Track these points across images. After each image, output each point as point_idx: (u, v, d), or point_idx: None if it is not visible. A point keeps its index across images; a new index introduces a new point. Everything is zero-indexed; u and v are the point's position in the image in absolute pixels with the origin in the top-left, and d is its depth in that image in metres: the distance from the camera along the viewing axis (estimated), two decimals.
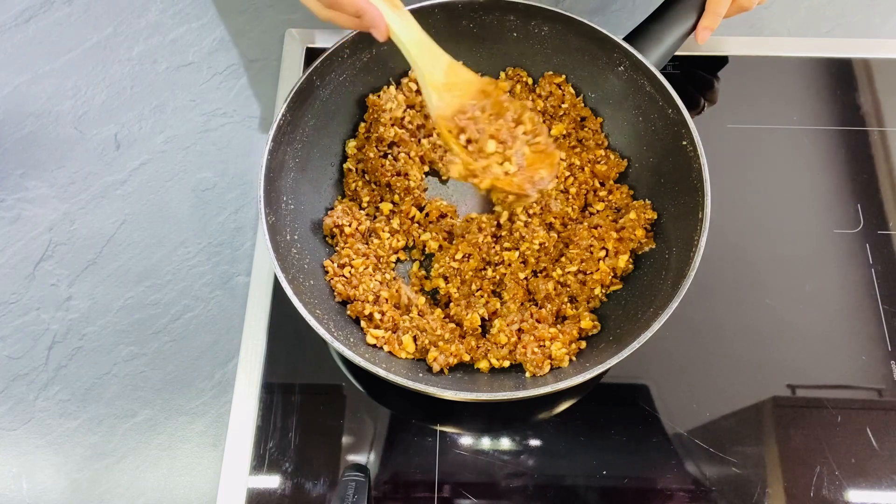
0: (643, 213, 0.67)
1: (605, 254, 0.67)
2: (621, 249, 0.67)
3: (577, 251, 0.67)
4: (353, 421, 0.65)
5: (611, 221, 0.68)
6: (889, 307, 0.69)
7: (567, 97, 0.73)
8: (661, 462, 0.63)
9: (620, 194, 0.70)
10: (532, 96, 0.74)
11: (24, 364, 0.68)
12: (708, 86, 0.80)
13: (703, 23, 0.70)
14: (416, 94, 0.73)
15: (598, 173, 0.71)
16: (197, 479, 0.64)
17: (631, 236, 0.67)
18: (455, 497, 0.62)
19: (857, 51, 0.81)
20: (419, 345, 0.63)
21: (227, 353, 0.68)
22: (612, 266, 0.66)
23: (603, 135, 0.73)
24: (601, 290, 0.67)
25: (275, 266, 0.59)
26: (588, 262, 0.66)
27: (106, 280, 0.71)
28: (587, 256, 0.66)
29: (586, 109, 0.74)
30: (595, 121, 0.73)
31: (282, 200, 0.65)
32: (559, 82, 0.74)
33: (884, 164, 0.76)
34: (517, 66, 0.75)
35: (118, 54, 0.81)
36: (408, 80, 0.74)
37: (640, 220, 0.67)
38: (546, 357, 0.61)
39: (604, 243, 0.67)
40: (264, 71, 0.81)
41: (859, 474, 0.63)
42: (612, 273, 0.66)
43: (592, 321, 0.64)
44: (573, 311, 0.66)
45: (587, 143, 0.72)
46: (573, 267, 0.66)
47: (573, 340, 0.63)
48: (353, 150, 0.72)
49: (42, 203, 0.74)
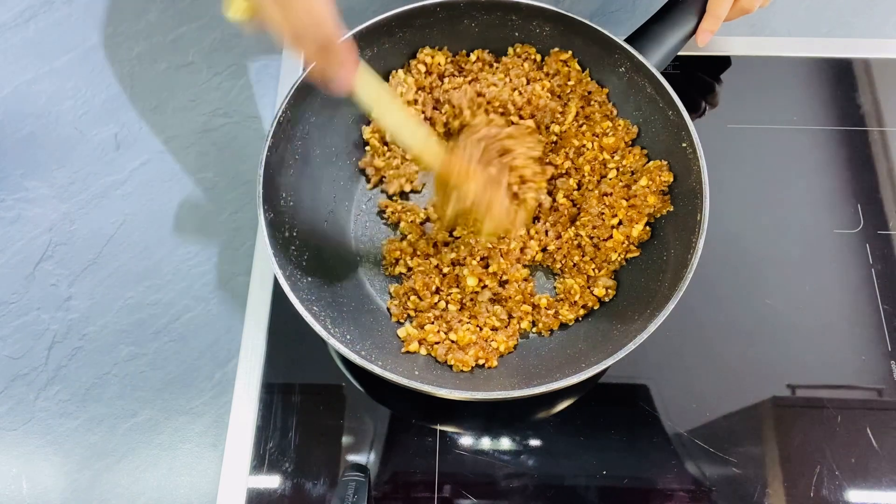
0: (658, 176, 0.66)
1: (619, 222, 0.67)
2: (635, 217, 0.66)
3: (588, 218, 0.67)
4: (353, 421, 0.65)
5: (622, 188, 0.68)
6: (889, 307, 0.69)
7: (573, 73, 0.72)
8: (661, 462, 0.63)
9: (633, 157, 0.69)
10: (539, 74, 0.73)
11: (24, 364, 0.68)
12: (709, 89, 0.80)
13: (704, 25, 0.70)
14: (425, 75, 0.73)
15: (607, 147, 0.70)
16: (197, 479, 0.64)
17: (643, 203, 0.66)
18: (455, 497, 0.62)
19: (857, 51, 0.81)
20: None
21: (227, 353, 0.68)
22: (626, 234, 0.66)
23: (610, 104, 0.72)
24: (618, 256, 0.67)
25: (272, 263, 0.59)
26: (600, 229, 0.67)
27: (106, 280, 0.71)
28: (599, 223, 0.67)
29: (592, 83, 0.72)
30: (601, 91, 0.72)
31: (281, 197, 0.65)
32: (566, 59, 0.73)
33: (884, 164, 0.76)
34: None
35: (118, 54, 0.81)
36: (416, 61, 0.73)
37: (654, 186, 0.66)
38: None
39: (614, 211, 0.67)
40: (264, 71, 0.81)
41: (859, 474, 0.63)
42: (626, 241, 0.67)
43: (606, 288, 0.66)
44: (591, 271, 0.67)
45: (594, 117, 0.71)
46: (584, 231, 0.67)
47: (584, 305, 0.66)
48: (370, 133, 0.73)
49: (42, 203, 0.74)
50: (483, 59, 0.74)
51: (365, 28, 0.67)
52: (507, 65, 0.73)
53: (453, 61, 0.74)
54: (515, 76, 0.72)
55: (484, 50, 0.74)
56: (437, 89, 0.73)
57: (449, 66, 0.73)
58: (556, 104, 0.72)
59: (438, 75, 0.73)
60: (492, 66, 0.74)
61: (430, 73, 0.73)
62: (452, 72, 0.74)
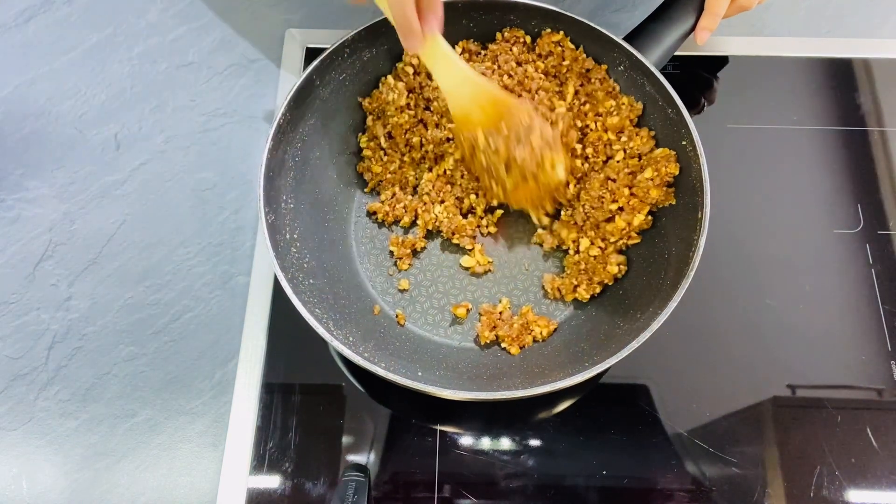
0: (664, 167, 0.65)
1: (620, 208, 0.67)
2: (637, 206, 0.66)
3: (588, 198, 0.67)
4: (353, 421, 0.65)
5: (627, 174, 0.67)
6: (889, 307, 0.69)
7: (567, 52, 0.71)
8: (661, 462, 0.63)
9: (641, 139, 0.68)
10: (532, 56, 0.72)
11: (24, 364, 0.68)
12: (707, 85, 0.80)
13: (702, 23, 0.70)
14: (413, 76, 0.72)
15: (611, 127, 0.69)
16: (197, 479, 0.64)
17: (645, 195, 0.66)
18: (455, 497, 0.62)
19: (857, 51, 0.81)
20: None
21: (227, 353, 0.68)
22: (627, 221, 0.66)
23: (611, 80, 0.70)
24: (619, 239, 0.67)
25: (274, 266, 0.59)
26: (598, 211, 0.66)
27: (106, 280, 0.71)
28: (598, 205, 0.66)
29: (589, 60, 0.71)
30: (600, 69, 0.70)
31: (281, 200, 0.65)
32: (558, 39, 0.71)
33: (884, 164, 0.76)
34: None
35: (118, 54, 0.81)
36: (403, 64, 0.72)
37: (658, 179, 0.66)
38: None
39: (615, 196, 0.66)
40: (264, 71, 0.81)
41: (859, 474, 0.63)
42: (627, 227, 0.66)
43: (618, 265, 0.66)
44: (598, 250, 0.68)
45: (596, 94, 0.70)
46: (582, 207, 0.68)
47: (599, 281, 0.67)
48: (366, 142, 0.73)
49: (42, 203, 0.74)
50: (469, 49, 0.73)
51: (364, 29, 0.67)
52: (494, 52, 0.72)
53: None
54: (504, 62, 0.71)
55: (468, 40, 0.73)
56: (427, 88, 0.72)
57: None
58: (552, 84, 0.71)
59: (427, 74, 0.73)
60: (479, 54, 0.73)
61: (417, 73, 0.73)
62: None
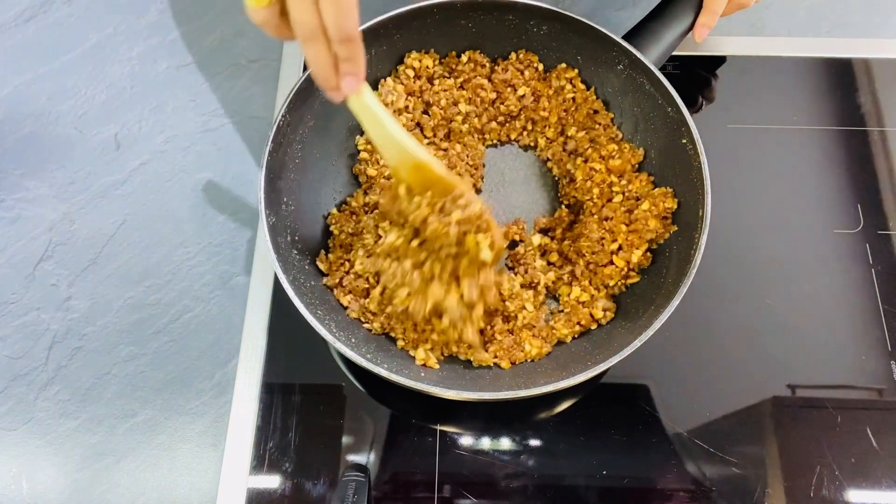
0: (662, 202, 0.66)
1: (619, 248, 0.66)
2: (636, 243, 0.66)
3: (588, 243, 0.66)
4: (353, 421, 0.65)
5: (624, 213, 0.67)
6: (889, 307, 0.69)
7: (578, 92, 0.72)
8: (661, 462, 0.63)
9: (640, 183, 0.68)
10: (542, 86, 0.73)
11: (24, 364, 0.68)
12: (706, 83, 0.80)
13: (701, 20, 0.70)
14: (413, 80, 0.72)
15: (614, 169, 0.69)
16: (197, 479, 0.64)
17: (644, 228, 0.66)
18: (455, 497, 0.62)
19: (857, 51, 0.81)
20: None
21: (227, 353, 0.68)
22: (626, 260, 0.66)
23: (615, 127, 0.72)
24: (617, 282, 0.66)
25: (276, 267, 0.59)
26: (599, 255, 0.66)
27: (106, 280, 0.71)
28: (598, 249, 0.66)
29: (598, 102, 0.72)
30: (606, 115, 0.72)
31: (282, 201, 0.65)
32: (571, 77, 0.73)
33: (884, 164, 0.76)
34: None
35: (118, 54, 0.81)
36: (404, 66, 0.72)
37: (655, 211, 0.66)
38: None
39: (614, 236, 0.66)
40: (264, 71, 0.81)
41: (859, 474, 0.63)
42: (626, 267, 0.66)
43: (604, 310, 0.65)
44: (589, 294, 0.66)
45: (599, 140, 0.71)
46: (582, 261, 0.66)
47: (579, 322, 0.65)
48: (364, 144, 0.72)
49: (42, 203, 0.74)
50: (475, 61, 0.73)
51: (363, 31, 0.67)
52: (506, 79, 0.73)
53: (443, 63, 0.74)
54: (518, 89, 0.73)
55: (476, 51, 0.74)
56: (427, 92, 0.72)
57: (438, 69, 0.73)
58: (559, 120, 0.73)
59: (428, 78, 0.73)
60: (484, 66, 0.73)
61: (418, 77, 0.73)
62: (442, 73, 0.73)
